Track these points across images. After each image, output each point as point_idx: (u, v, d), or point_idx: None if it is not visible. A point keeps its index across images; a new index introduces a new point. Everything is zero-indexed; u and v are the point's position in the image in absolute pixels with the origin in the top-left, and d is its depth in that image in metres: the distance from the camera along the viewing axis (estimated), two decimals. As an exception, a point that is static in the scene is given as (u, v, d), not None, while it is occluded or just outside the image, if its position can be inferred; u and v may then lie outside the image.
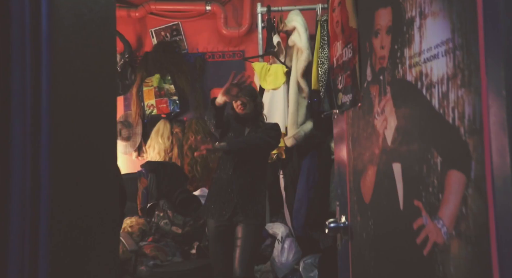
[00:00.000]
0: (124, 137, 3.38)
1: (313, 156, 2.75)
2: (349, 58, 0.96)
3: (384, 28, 0.78)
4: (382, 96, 0.79)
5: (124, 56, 3.35)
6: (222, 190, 2.03)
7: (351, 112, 0.98)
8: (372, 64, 0.83)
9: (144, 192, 2.34)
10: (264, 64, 2.97)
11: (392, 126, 0.75)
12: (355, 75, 0.92)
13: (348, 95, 0.98)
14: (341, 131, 1.08)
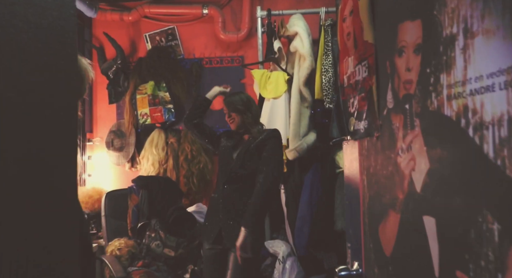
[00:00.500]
0: (117, 148, 3.23)
1: (316, 170, 2.61)
2: (364, 78, 0.82)
3: (411, 46, 0.63)
4: (408, 129, 0.64)
5: (116, 62, 3.21)
6: (212, 210, 1.93)
7: (366, 142, 0.83)
8: (395, 88, 0.68)
9: (134, 210, 2.19)
10: (264, 71, 2.83)
11: (422, 169, 0.61)
12: (371, 99, 0.78)
13: (362, 121, 0.83)
14: (354, 161, 0.94)
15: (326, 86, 2.53)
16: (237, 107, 1.97)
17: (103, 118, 3.44)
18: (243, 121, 1.98)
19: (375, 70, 0.76)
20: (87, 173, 3.28)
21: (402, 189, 0.67)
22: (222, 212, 1.87)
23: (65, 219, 0.60)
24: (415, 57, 0.62)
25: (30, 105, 0.54)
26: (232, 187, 1.88)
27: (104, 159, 3.35)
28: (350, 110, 0.91)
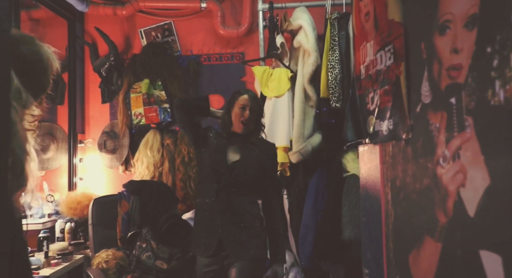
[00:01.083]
0: (109, 150, 3.08)
1: (322, 174, 2.45)
2: (388, 67, 0.66)
3: (460, 19, 0.47)
4: (454, 131, 0.49)
5: (109, 59, 3.06)
6: (206, 218, 1.74)
7: (390, 147, 0.67)
8: (434, 77, 0.53)
9: (124, 218, 2.04)
10: (266, 68, 2.67)
11: (478, 185, 0.45)
12: (398, 93, 0.62)
13: (385, 121, 0.68)
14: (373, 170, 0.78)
15: (333, 83, 2.38)
16: (260, 109, 1.83)
17: (96, 119, 3.29)
18: (256, 127, 1.82)
19: (404, 56, 0.60)
20: (78, 177, 3.13)
21: (445, 211, 0.51)
22: (220, 219, 1.70)
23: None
24: (466, 33, 0.46)
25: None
26: (229, 191, 1.71)
27: (97, 161, 3.21)
28: (369, 107, 0.76)
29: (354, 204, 2.22)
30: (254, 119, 1.78)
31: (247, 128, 1.77)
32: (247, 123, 1.76)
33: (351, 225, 2.18)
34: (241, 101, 1.77)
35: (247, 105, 1.76)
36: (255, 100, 1.78)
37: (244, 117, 1.75)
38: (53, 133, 3.18)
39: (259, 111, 1.80)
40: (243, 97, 1.78)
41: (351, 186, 2.29)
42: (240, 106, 1.76)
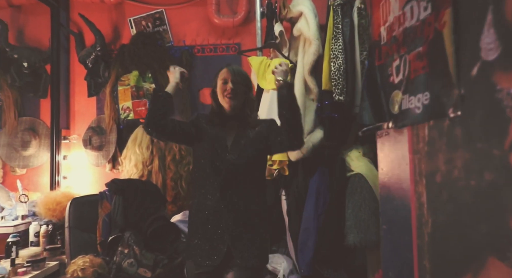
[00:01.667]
0: (95, 146, 2.90)
1: (323, 173, 2.27)
2: (424, 20, 0.48)
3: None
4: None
5: (95, 49, 2.88)
6: (209, 220, 1.51)
7: (426, 130, 0.50)
8: (506, 18, 0.35)
9: (105, 220, 1.86)
10: (263, 59, 2.50)
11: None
12: (440, 53, 0.44)
13: (419, 95, 0.50)
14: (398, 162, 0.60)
15: (336, 74, 2.20)
16: (246, 81, 1.64)
17: (82, 113, 3.11)
18: (246, 101, 1.63)
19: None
20: (62, 175, 2.95)
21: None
22: (226, 222, 1.48)
23: None
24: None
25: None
26: (234, 187, 1.51)
27: (82, 159, 3.03)
28: (393, 79, 0.58)
29: (359, 206, 2.05)
30: (240, 92, 1.60)
31: (234, 102, 1.58)
32: (231, 97, 1.57)
33: (356, 229, 2.01)
34: (222, 75, 1.62)
35: (228, 78, 1.59)
36: (237, 71, 1.61)
37: (228, 91, 1.57)
38: (35, 129, 3.01)
39: (245, 83, 1.63)
40: (223, 71, 1.63)
41: (355, 186, 2.12)
42: (222, 80, 1.60)
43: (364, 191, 2.07)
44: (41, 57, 2.95)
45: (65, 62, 3.08)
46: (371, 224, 1.99)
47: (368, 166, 2.17)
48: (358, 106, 2.23)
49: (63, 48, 3.05)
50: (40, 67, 2.98)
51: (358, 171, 2.16)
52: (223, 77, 1.60)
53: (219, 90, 1.60)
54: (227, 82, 1.59)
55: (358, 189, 2.10)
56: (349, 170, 2.22)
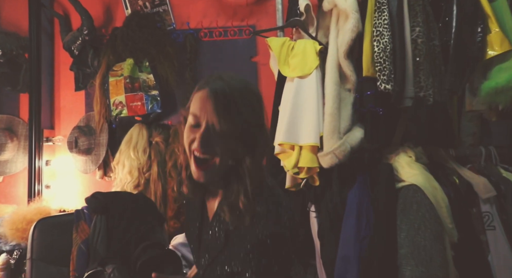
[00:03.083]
0: (83, 149, 2.49)
1: (365, 184, 1.83)
2: None
3: None
4: None
5: (82, 33, 2.47)
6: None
7: None
8: None
9: (82, 249, 1.43)
10: (285, 40, 2.06)
11: None
12: None
13: None
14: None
15: (381, 57, 1.76)
16: (243, 115, 0.94)
17: (69, 110, 2.71)
18: (243, 159, 0.97)
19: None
20: (44, 184, 2.55)
21: None
22: None
23: None
24: None
25: None
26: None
27: (69, 165, 2.62)
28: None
29: (416, 228, 1.60)
30: (225, 149, 0.94)
31: (208, 175, 0.96)
32: (200, 164, 0.95)
33: (414, 260, 1.55)
34: (194, 103, 0.96)
35: (203, 115, 0.93)
36: (224, 99, 0.92)
37: (195, 147, 0.94)
38: (13, 128, 2.61)
39: (239, 127, 0.93)
40: (198, 94, 0.96)
41: (409, 201, 1.66)
42: (192, 116, 0.95)
43: (423, 209, 1.62)
44: (19, 43, 2.56)
45: (48, 50, 2.68)
46: (435, 254, 1.53)
47: (425, 175, 1.72)
48: (409, 98, 1.80)
49: (46, 33, 2.66)
50: (18, 55, 2.59)
51: (411, 182, 1.70)
52: (194, 111, 0.94)
53: (185, 135, 0.98)
54: (200, 125, 0.94)
55: (414, 206, 1.64)
56: (398, 180, 1.76)
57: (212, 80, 0.98)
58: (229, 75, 1.01)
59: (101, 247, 1.44)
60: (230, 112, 0.92)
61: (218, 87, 0.94)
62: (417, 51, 1.77)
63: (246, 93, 0.98)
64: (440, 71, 1.84)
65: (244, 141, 0.95)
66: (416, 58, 1.77)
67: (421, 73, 1.76)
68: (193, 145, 0.95)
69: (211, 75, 1.03)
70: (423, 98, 1.76)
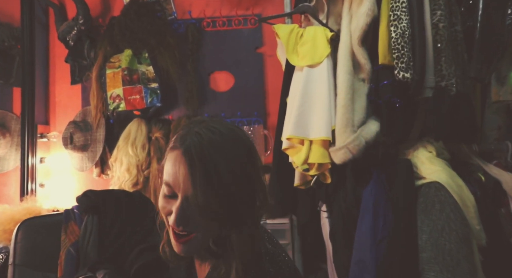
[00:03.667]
0: (78, 146, 2.37)
1: (381, 181, 1.69)
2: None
3: None
4: None
5: (77, 23, 2.35)
6: None
7: None
8: None
9: (70, 252, 1.31)
10: (294, 27, 1.93)
11: None
12: None
13: None
14: None
15: (399, 42, 1.62)
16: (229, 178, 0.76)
17: (64, 105, 2.59)
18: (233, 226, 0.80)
19: None
20: (38, 182, 2.42)
21: None
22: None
23: None
24: None
25: None
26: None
27: (65, 162, 2.50)
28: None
29: (440, 230, 1.46)
30: (205, 226, 0.80)
31: (188, 248, 0.82)
32: (181, 237, 0.81)
33: (438, 265, 1.41)
34: (166, 170, 0.81)
35: (175, 186, 0.79)
36: (201, 162, 0.74)
37: (173, 222, 0.80)
38: (6, 124, 2.49)
39: (222, 197, 0.75)
40: (171, 156, 0.80)
41: (431, 200, 1.53)
42: (165, 184, 0.81)
43: (447, 208, 1.48)
44: (11, 34, 2.44)
45: (42, 41, 2.56)
46: (462, 259, 1.39)
47: (448, 171, 1.58)
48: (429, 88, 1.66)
49: (40, 23, 2.55)
50: (11, 47, 2.47)
51: (433, 179, 1.57)
52: (166, 179, 0.80)
53: (160, 204, 0.85)
54: (175, 196, 0.79)
55: (437, 205, 1.50)
56: (418, 177, 1.63)
57: (188, 135, 0.78)
58: (213, 126, 0.79)
59: (92, 250, 1.31)
60: (210, 182, 0.73)
61: (193, 148, 0.75)
62: (438, 37, 1.63)
63: (233, 151, 0.78)
64: (463, 59, 1.71)
65: (229, 215, 0.76)
66: (437, 44, 1.64)
67: (443, 61, 1.63)
68: (169, 218, 0.81)
69: (190, 124, 0.83)
70: (445, 88, 1.63)
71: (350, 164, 1.70)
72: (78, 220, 1.40)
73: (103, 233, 1.37)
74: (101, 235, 1.37)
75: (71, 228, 1.38)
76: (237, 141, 0.79)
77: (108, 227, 1.38)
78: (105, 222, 1.39)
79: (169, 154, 0.80)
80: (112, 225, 1.39)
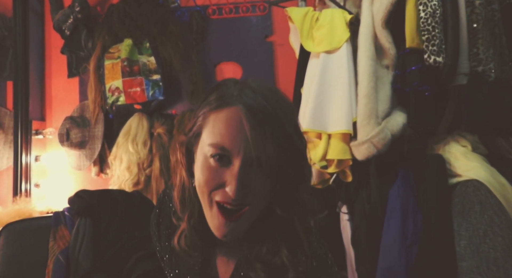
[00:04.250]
0: (75, 143, 2.21)
1: (409, 179, 1.51)
2: None
3: None
4: None
5: (73, 10, 2.20)
6: None
7: None
8: None
9: (60, 261, 1.14)
10: (308, 10, 1.75)
11: None
12: None
13: None
14: None
15: (429, 23, 1.45)
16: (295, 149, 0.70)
17: (61, 99, 2.44)
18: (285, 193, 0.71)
19: None
20: (33, 182, 2.27)
21: None
22: None
23: None
24: None
25: None
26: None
27: (62, 160, 2.35)
28: None
29: (482, 234, 1.28)
30: (264, 193, 0.69)
31: (237, 228, 0.69)
32: (234, 215, 0.68)
33: (480, 275, 1.23)
34: (215, 131, 0.68)
35: (233, 147, 0.66)
36: (262, 120, 0.65)
37: (226, 196, 0.68)
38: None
39: (289, 155, 0.67)
40: (222, 115, 0.68)
41: (469, 201, 1.35)
42: (213, 149, 0.68)
43: (489, 210, 1.30)
44: (4, 24, 2.29)
45: (37, 31, 2.41)
46: (511, 269, 1.21)
47: (487, 168, 1.40)
48: (463, 74, 1.48)
49: (35, 12, 2.39)
50: (4, 38, 2.32)
51: (471, 176, 1.39)
52: (218, 140, 0.67)
53: (201, 176, 0.69)
54: (230, 162, 0.67)
55: (477, 206, 1.32)
56: (452, 174, 1.45)
57: (238, 92, 0.69)
58: (257, 84, 0.72)
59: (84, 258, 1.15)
60: (279, 140, 0.66)
61: (254, 103, 0.66)
62: (474, 16, 1.45)
63: (287, 108, 0.71)
64: (501, 41, 1.53)
65: (290, 174, 0.68)
66: (473, 25, 1.46)
67: (480, 43, 1.45)
68: (218, 194, 0.68)
69: (226, 83, 0.74)
70: (482, 73, 1.44)
71: (374, 160, 1.53)
72: (69, 223, 1.24)
73: (97, 238, 1.21)
74: (95, 240, 1.20)
75: (60, 233, 1.22)
76: (284, 98, 0.73)
77: (103, 231, 1.22)
78: (100, 226, 1.22)
79: (215, 114, 0.69)
80: (107, 229, 1.22)
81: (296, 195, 0.70)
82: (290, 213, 0.70)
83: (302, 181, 0.72)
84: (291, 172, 0.67)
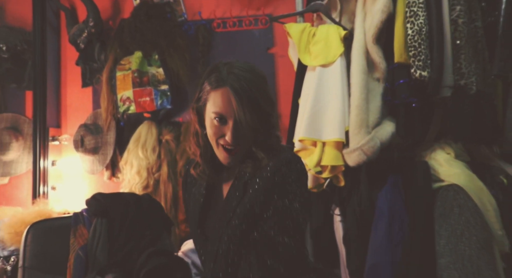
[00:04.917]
0: (89, 149, 2.38)
1: (397, 184, 1.65)
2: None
3: None
4: None
5: (87, 25, 2.37)
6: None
7: None
8: None
9: (80, 256, 1.30)
10: (306, 26, 1.90)
11: None
12: None
13: None
14: None
15: (415, 40, 1.59)
16: (265, 106, 1.07)
17: (76, 108, 2.61)
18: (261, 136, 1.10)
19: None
20: (50, 185, 2.45)
21: None
22: None
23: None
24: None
25: None
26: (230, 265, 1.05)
27: (76, 165, 2.52)
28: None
29: (459, 234, 1.41)
30: (247, 136, 1.07)
31: (235, 158, 1.09)
32: (232, 151, 1.08)
33: (457, 272, 1.37)
34: (216, 104, 1.04)
35: (228, 112, 1.04)
36: (245, 94, 1.01)
37: (226, 142, 1.06)
38: (19, 127, 2.53)
39: (260, 115, 1.05)
40: (218, 93, 1.04)
41: (450, 204, 1.48)
42: (216, 114, 1.05)
43: (467, 212, 1.43)
44: (24, 38, 2.47)
45: (54, 45, 2.59)
46: (483, 266, 1.34)
47: (467, 174, 1.53)
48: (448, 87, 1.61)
49: (52, 27, 2.57)
50: (23, 51, 2.50)
51: (452, 181, 1.52)
52: (218, 109, 1.03)
53: (210, 130, 1.07)
54: (226, 122, 1.05)
55: (456, 209, 1.46)
56: (436, 179, 1.58)
57: (227, 75, 1.04)
58: (239, 67, 1.07)
59: (101, 254, 1.30)
60: (254, 107, 1.03)
61: (237, 84, 1.02)
62: (458, 33, 1.58)
63: (259, 82, 1.06)
64: (484, 57, 1.65)
65: (265, 127, 1.08)
66: (456, 41, 1.59)
67: (462, 58, 1.58)
68: (221, 140, 1.07)
69: (217, 66, 1.10)
70: (465, 86, 1.57)
71: (365, 167, 1.66)
72: (87, 223, 1.40)
73: (112, 237, 1.36)
74: (110, 239, 1.36)
75: (80, 231, 1.38)
76: (259, 74, 1.08)
77: (117, 231, 1.37)
78: (114, 226, 1.38)
79: (214, 92, 1.04)
80: (121, 229, 1.38)
81: (268, 140, 1.10)
82: (261, 149, 1.08)
83: (271, 129, 1.10)
84: (262, 126, 1.06)
